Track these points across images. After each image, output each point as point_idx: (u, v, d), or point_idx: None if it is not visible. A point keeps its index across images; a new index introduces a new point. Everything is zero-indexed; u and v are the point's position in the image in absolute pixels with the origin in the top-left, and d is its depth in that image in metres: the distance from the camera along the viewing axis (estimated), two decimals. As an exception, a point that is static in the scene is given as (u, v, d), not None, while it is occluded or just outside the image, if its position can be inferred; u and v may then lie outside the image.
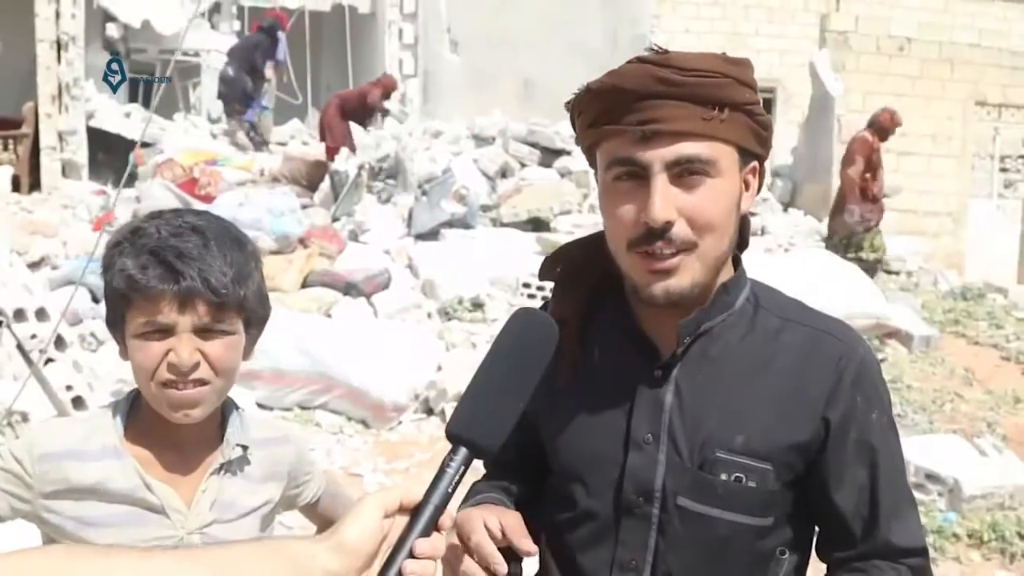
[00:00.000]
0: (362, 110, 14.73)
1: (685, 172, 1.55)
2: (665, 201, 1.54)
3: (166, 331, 1.72)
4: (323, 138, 14.38)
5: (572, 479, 1.75)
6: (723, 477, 1.62)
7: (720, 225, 1.60)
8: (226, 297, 1.73)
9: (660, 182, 1.55)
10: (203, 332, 1.74)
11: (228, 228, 1.81)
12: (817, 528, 1.76)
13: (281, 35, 15.68)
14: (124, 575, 1.01)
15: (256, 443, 1.90)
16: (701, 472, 1.63)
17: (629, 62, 1.59)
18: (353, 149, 14.03)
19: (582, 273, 1.77)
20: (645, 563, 1.67)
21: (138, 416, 1.83)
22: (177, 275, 1.68)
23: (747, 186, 1.67)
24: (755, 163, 1.67)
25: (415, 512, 1.17)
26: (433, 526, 1.17)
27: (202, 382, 1.75)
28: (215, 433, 1.87)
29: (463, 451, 1.22)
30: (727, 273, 1.70)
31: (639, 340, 1.71)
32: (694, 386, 1.67)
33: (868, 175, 11.69)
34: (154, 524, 1.76)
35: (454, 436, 1.23)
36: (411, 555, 1.14)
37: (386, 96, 15.01)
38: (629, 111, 1.55)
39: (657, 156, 1.54)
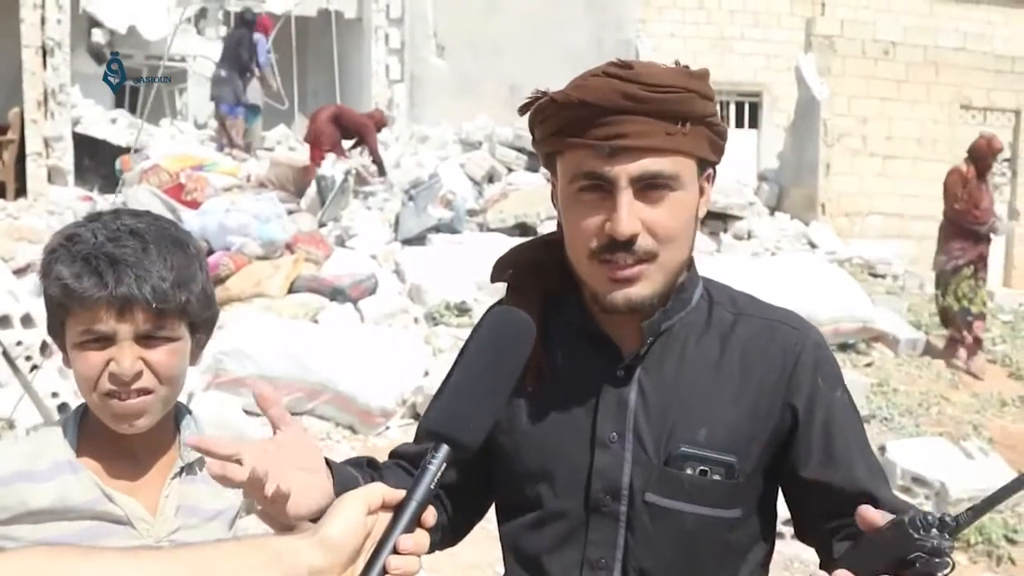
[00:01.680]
0: (354, 134, 14.67)
1: (649, 187, 1.59)
2: (631, 215, 1.57)
3: (106, 340, 1.67)
4: (308, 140, 14.30)
5: (538, 481, 1.76)
6: (688, 471, 1.66)
7: (681, 236, 1.64)
8: (165, 303, 1.68)
9: (626, 197, 1.58)
10: (145, 339, 1.69)
11: (168, 230, 1.76)
12: (795, 511, 1.78)
13: (261, 37, 15.62)
14: (105, 574, 1.01)
15: None
16: (667, 468, 1.66)
17: (594, 75, 1.61)
18: (343, 155, 14.02)
19: (536, 275, 1.80)
20: (615, 561, 1.69)
21: (89, 428, 1.78)
22: (112, 283, 1.63)
23: (702, 192, 1.71)
24: (710, 170, 1.71)
25: (398, 509, 1.18)
26: (416, 522, 1.18)
27: (146, 391, 1.70)
28: (170, 438, 1.83)
29: (444, 448, 1.22)
30: (682, 274, 1.73)
31: (600, 341, 1.73)
32: (657, 383, 1.70)
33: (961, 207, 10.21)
34: (120, 536, 1.71)
35: (435, 433, 1.23)
36: (395, 551, 1.15)
37: (377, 130, 14.92)
38: (594, 125, 1.57)
39: (623, 171, 1.57)
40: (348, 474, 1.59)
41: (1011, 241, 18.01)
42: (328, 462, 1.56)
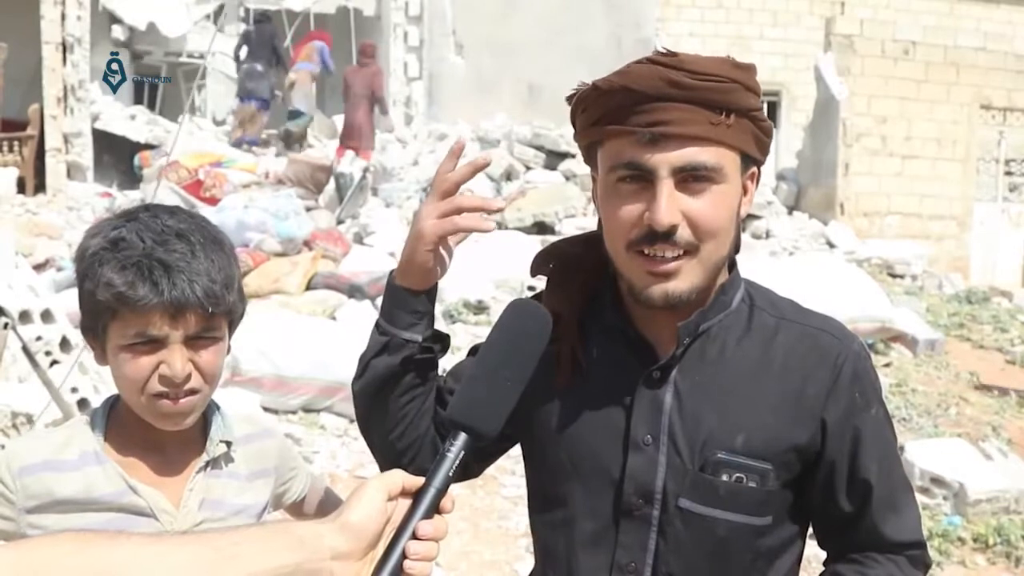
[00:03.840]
0: (377, 101, 14.86)
1: (691, 178, 1.56)
2: (671, 205, 1.55)
3: (156, 342, 1.68)
4: (348, 140, 14.36)
5: (569, 478, 1.74)
6: (724, 478, 1.63)
7: (721, 230, 1.61)
8: (218, 306, 1.70)
9: (666, 187, 1.55)
10: (192, 340, 1.70)
11: (208, 229, 1.76)
12: (813, 521, 1.77)
13: (324, 45, 15.90)
14: (131, 558, 1.03)
15: (239, 440, 1.87)
16: (702, 473, 1.64)
17: (638, 62, 1.59)
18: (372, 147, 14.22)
19: (576, 270, 1.78)
20: (645, 565, 1.67)
21: (117, 422, 1.79)
22: (167, 289, 1.64)
23: (745, 191, 1.68)
24: (754, 168, 1.68)
25: (417, 495, 1.21)
26: (435, 509, 1.20)
27: (193, 391, 1.72)
28: (198, 433, 1.83)
29: (463, 436, 1.25)
30: (723, 275, 1.70)
31: (636, 341, 1.71)
32: (693, 387, 1.67)
33: None
34: (143, 528, 1.71)
35: (453, 422, 1.27)
36: (414, 536, 1.17)
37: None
38: (636, 112, 1.55)
39: (664, 160, 1.55)
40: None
41: (1030, 242, 17.94)
42: None
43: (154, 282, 1.64)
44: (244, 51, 15.79)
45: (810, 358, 1.67)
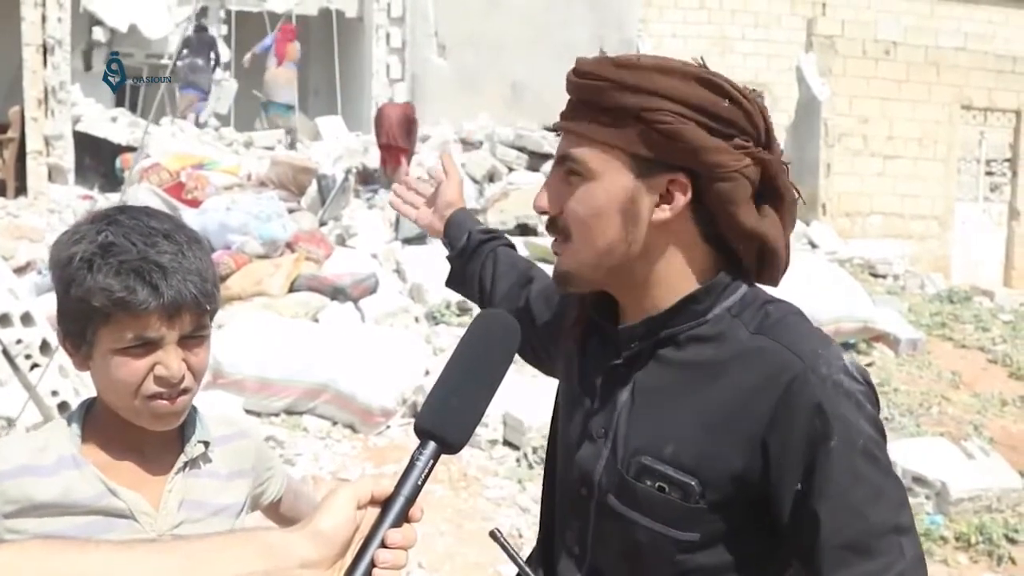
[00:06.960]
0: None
1: (567, 171, 1.64)
2: (543, 192, 1.68)
3: (151, 344, 1.68)
4: (391, 140, 14.28)
5: (552, 459, 1.86)
6: (647, 483, 1.61)
7: (588, 224, 1.62)
8: (210, 304, 1.73)
9: (552, 176, 1.67)
10: (185, 340, 1.71)
11: (186, 228, 1.78)
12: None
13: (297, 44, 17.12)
14: (100, 567, 1.03)
15: (216, 440, 1.88)
16: (627, 475, 1.64)
17: None
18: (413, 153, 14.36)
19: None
20: (586, 552, 1.72)
21: (95, 424, 1.79)
22: (166, 290, 1.65)
23: (669, 198, 1.59)
24: (675, 175, 1.58)
25: (386, 504, 1.21)
26: (404, 517, 1.21)
27: (186, 390, 1.73)
28: (175, 434, 1.83)
29: (432, 445, 1.25)
30: (690, 284, 1.64)
31: (607, 335, 1.74)
32: (648, 389, 1.66)
33: None
34: (123, 530, 1.72)
35: (423, 431, 1.27)
36: (383, 545, 1.18)
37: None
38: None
39: (557, 151, 1.67)
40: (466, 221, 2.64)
41: (1011, 241, 18.01)
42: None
43: (153, 285, 1.64)
44: (184, 51, 16.99)
45: (765, 377, 1.54)
